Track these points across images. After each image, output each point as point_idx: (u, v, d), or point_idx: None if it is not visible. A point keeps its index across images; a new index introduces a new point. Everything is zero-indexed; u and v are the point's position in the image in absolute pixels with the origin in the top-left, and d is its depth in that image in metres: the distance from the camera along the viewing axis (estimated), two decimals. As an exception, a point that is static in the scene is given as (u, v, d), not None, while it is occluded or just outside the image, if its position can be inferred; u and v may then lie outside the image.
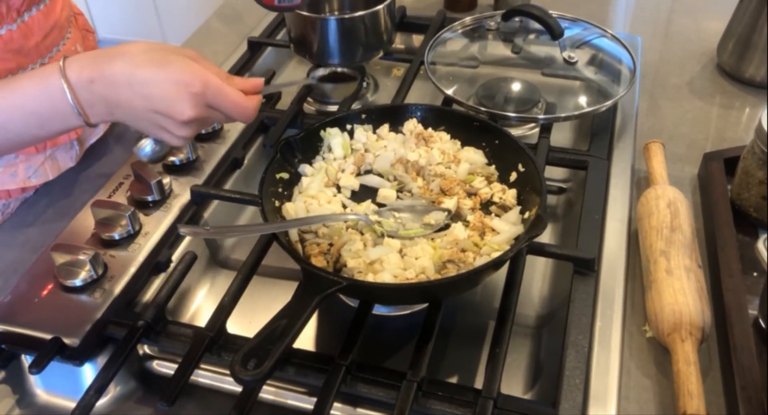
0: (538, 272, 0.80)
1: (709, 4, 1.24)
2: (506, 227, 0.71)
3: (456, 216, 0.74)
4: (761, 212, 0.78)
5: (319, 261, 0.68)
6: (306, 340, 0.73)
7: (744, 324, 0.64)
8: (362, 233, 0.72)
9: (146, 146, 0.69)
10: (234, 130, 0.92)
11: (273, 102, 0.99)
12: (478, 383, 0.62)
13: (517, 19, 1.03)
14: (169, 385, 0.61)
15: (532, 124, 0.97)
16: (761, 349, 0.65)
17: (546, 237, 0.82)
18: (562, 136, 0.97)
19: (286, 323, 0.58)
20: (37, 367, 0.63)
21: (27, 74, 0.66)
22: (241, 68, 1.06)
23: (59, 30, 0.88)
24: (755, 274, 0.75)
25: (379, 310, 0.74)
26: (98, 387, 0.62)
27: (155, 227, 0.78)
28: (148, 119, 0.65)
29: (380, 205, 0.76)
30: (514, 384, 0.69)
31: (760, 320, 0.68)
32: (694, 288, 0.66)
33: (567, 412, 0.59)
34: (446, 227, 0.72)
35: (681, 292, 0.65)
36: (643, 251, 0.74)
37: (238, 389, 0.64)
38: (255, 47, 1.10)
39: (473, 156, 0.79)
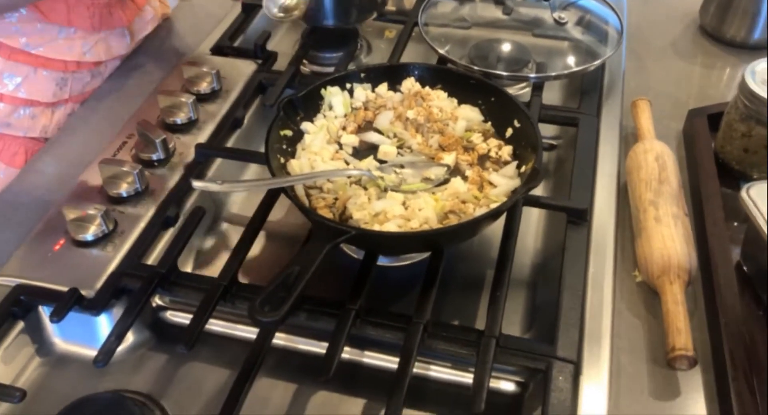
0: (531, 226, 0.84)
1: (691, -32, 1.27)
2: (503, 181, 0.74)
3: (455, 171, 0.77)
4: (743, 164, 0.82)
5: (325, 213, 0.71)
6: (314, 292, 0.76)
7: (727, 267, 0.68)
8: (366, 188, 0.74)
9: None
10: (233, 91, 0.94)
11: (270, 63, 1.00)
12: (479, 327, 0.66)
13: (507, -20, 1.06)
14: (187, 331, 0.64)
15: (523, 84, 1.00)
16: (742, 290, 0.69)
17: (538, 192, 0.85)
18: (552, 95, 1.00)
19: (299, 270, 0.61)
20: (58, 316, 0.65)
21: None
22: (235, 30, 1.07)
23: None
24: (736, 224, 0.79)
25: (381, 261, 0.76)
26: (118, 334, 0.64)
27: (161, 184, 0.80)
28: None
29: (381, 161, 0.79)
30: (511, 329, 0.73)
31: (742, 264, 0.72)
32: (681, 234, 0.70)
33: (564, 349, 0.63)
34: (446, 181, 0.75)
35: (669, 238, 0.69)
36: (633, 202, 0.77)
37: (251, 335, 0.68)
38: (249, 9, 1.11)
39: (470, 114, 0.82)
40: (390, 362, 0.68)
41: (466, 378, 0.66)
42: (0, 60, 0.90)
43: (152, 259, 0.75)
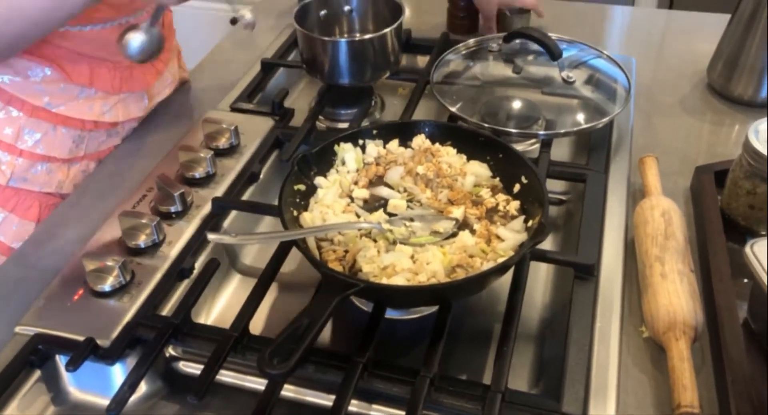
0: (539, 280, 0.85)
1: (699, 27, 1.30)
2: (511, 235, 0.75)
3: (463, 225, 0.79)
4: (749, 220, 0.83)
5: (335, 266, 0.73)
6: (323, 344, 0.77)
7: (734, 323, 0.69)
8: (375, 241, 0.76)
9: (132, 41, 0.75)
10: (251, 146, 0.97)
11: (287, 119, 1.04)
12: (486, 381, 0.66)
13: (517, 41, 1.09)
14: (198, 381, 0.65)
15: (533, 140, 1.02)
16: (749, 347, 0.69)
17: (546, 246, 0.86)
18: (561, 151, 1.02)
19: (308, 322, 0.62)
20: (74, 365, 0.67)
21: None
22: (255, 88, 1.11)
23: None
24: (744, 280, 0.80)
25: (390, 314, 0.78)
26: (131, 383, 0.66)
27: (178, 236, 0.83)
28: None
29: (391, 215, 0.81)
30: (518, 383, 0.73)
31: (750, 321, 0.72)
32: (687, 291, 0.71)
33: (570, 404, 0.63)
34: (454, 234, 0.77)
35: (675, 294, 0.70)
36: (639, 257, 0.78)
37: (260, 387, 0.69)
38: (268, 68, 1.16)
39: (478, 169, 0.84)
40: (397, 415, 0.68)
41: (472, 433, 0.66)
42: (22, 117, 0.94)
43: (167, 310, 0.77)
